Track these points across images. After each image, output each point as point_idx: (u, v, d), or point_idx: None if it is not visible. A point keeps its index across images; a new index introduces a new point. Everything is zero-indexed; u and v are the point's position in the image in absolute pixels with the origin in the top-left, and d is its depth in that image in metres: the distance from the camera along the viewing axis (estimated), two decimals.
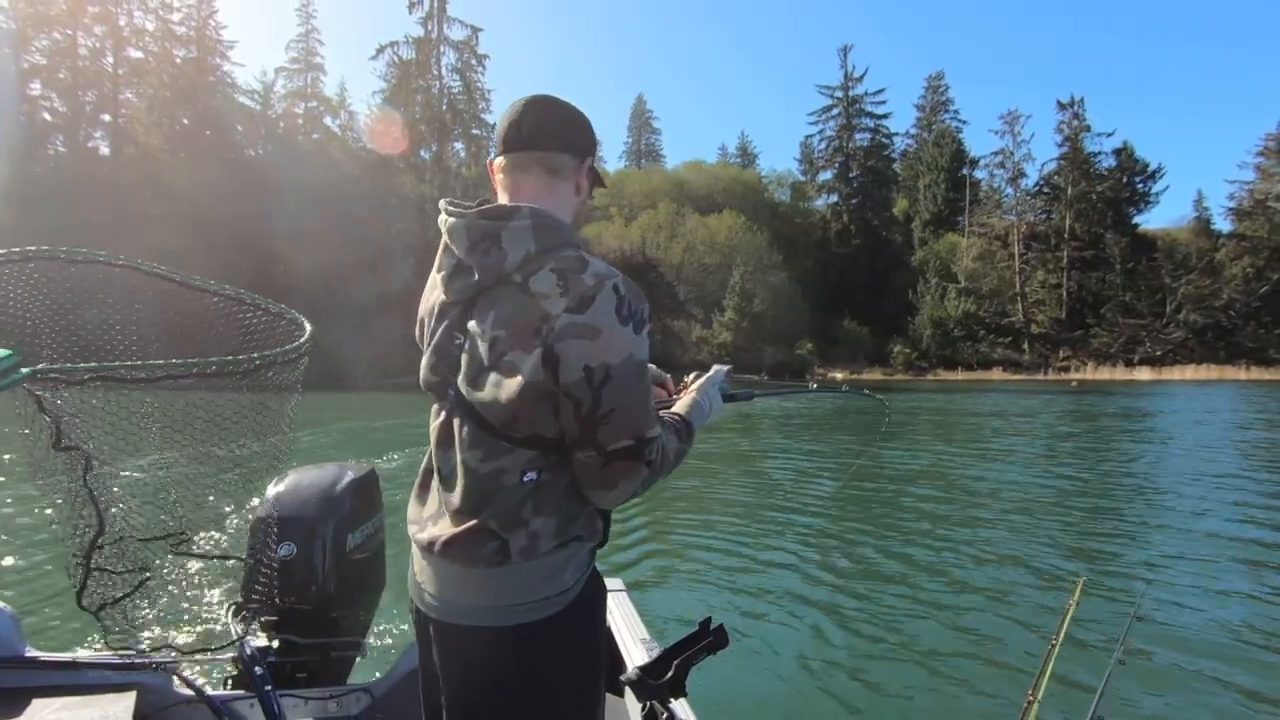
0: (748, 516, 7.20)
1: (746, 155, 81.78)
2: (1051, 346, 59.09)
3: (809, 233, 68.69)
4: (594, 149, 1.23)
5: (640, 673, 1.27)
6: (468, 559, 1.07)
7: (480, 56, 57.26)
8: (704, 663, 1.29)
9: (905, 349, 58.31)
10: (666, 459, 1.13)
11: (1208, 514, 7.35)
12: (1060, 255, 61.07)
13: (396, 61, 56.10)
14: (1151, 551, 5.95)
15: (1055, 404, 26.54)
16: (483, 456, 1.07)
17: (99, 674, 1.76)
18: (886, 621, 4.33)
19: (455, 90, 57.24)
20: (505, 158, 1.16)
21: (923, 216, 67.72)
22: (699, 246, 57.38)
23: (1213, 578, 5.16)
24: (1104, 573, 5.28)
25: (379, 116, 53.54)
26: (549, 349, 1.00)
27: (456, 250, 1.11)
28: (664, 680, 1.25)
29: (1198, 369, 51.44)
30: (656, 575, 5.30)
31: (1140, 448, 13.66)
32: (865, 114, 71.85)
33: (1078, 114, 61.11)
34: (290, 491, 2.04)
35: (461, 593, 1.09)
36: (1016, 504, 7.98)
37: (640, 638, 1.91)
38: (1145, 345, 55.39)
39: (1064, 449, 13.62)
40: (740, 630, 4.14)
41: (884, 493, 8.53)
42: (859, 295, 62.81)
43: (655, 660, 1.30)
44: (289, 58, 59.33)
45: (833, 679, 3.59)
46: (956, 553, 5.89)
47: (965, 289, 60.28)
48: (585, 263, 1.05)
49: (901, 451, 12.43)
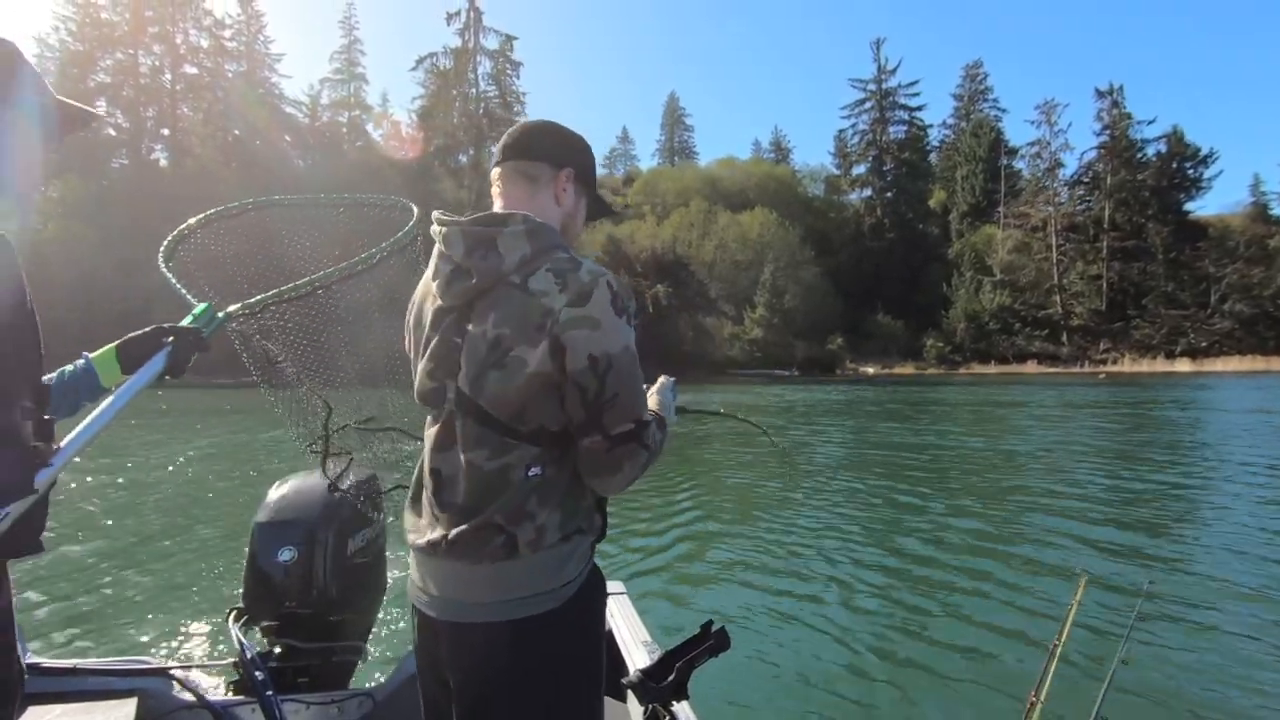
0: (748, 518, 7.15)
1: (780, 150, 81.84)
2: (1091, 339, 58.18)
3: (842, 227, 68.65)
4: (575, 163, 1.27)
5: (642, 675, 1.28)
6: (475, 555, 1.10)
7: (515, 64, 58.99)
8: (706, 665, 1.30)
9: (938, 342, 58.08)
10: (659, 443, 1.19)
11: (1214, 510, 7.24)
12: (1100, 246, 60.02)
13: (435, 71, 58.06)
14: (1156, 549, 5.86)
15: (1076, 397, 26.08)
16: (488, 454, 1.11)
17: (100, 680, 1.79)
18: (887, 621, 4.33)
19: (491, 96, 58.98)
20: (497, 169, 1.26)
21: (960, 208, 67.09)
22: (731, 243, 57.95)
23: (1219, 576, 5.10)
24: (1107, 570, 5.24)
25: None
26: (555, 339, 1.07)
27: (453, 256, 1.15)
28: (666, 683, 1.26)
29: (1242, 360, 50.19)
30: (658, 578, 5.27)
31: (1151, 441, 13.43)
32: (899, 106, 71.49)
33: (1117, 102, 60.06)
34: (291, 496, 2.06)
35: (469, 590, 1.12)
36: (1018, 500, 7.94)
37: (642, 640, 1.91)
38: (1189, 336, 54.24)
39: (1071, 443, 13.47)
40: (741, 632, 4.09)
41: (885, 491, 8.49)
42: (893, 289, 62.65)
43: (657, 663, 1.30)
44: (332, 69, 61.86)
45: (834, 680, 3.59)
46: (958, 550, 5.86)
47: (1000, 281, 59.69)
48: (578, 263, 1.13)
49: (903, 450, 12.27)
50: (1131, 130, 60.72)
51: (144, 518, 6.90)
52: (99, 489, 8.29)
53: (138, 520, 6.78)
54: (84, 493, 7.99)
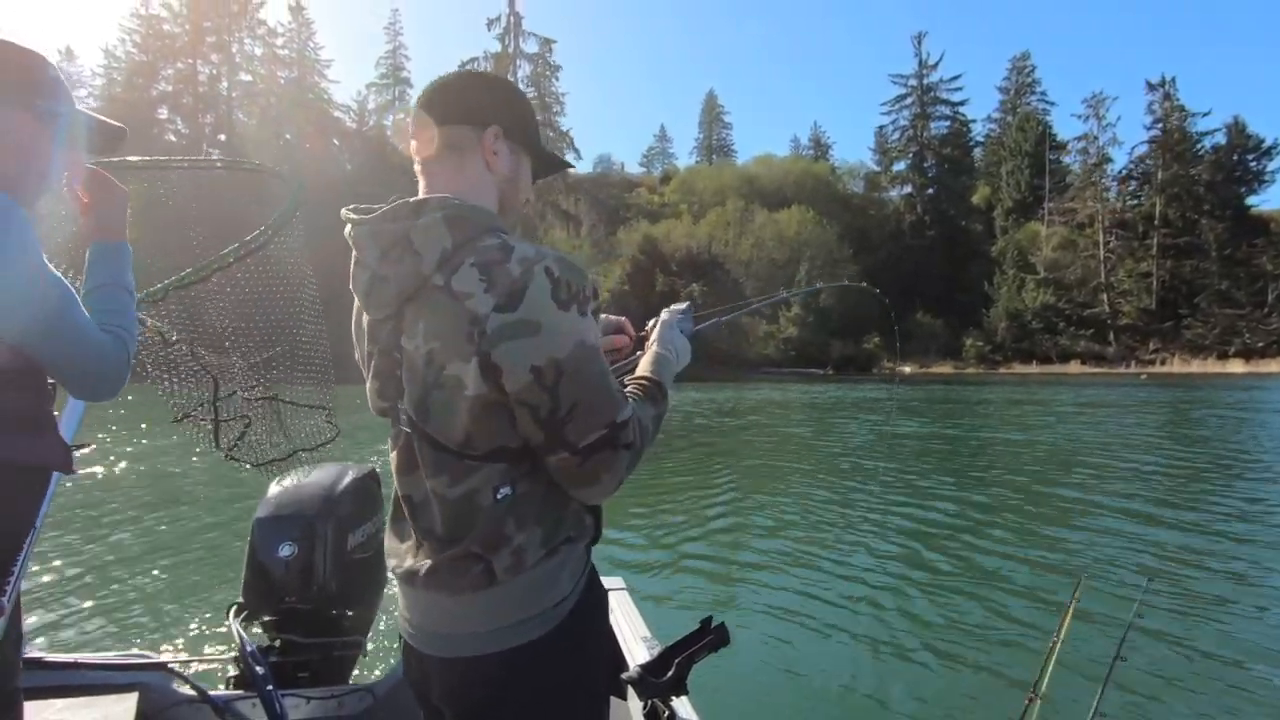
0: (749, 513, 7.15)
1: (820, 147, 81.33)
2: (1140, 338, 56.63)
3: (882, 224, 67.89)
4: (502, 118, 1.06)
5: (641, 671, 1.27)
6: (452, 587, 1.00)
7: (553, 67, 59.95)
8: (705, 661, 1.29)
9: (977, 341, 57.19)
10: (645, 432, 1.02)
11: (1216, 512, 7.19)
12: (1150, 242, 58.30)
13: None
14: (1153, 549, 5.85)
15: (1109, 397, 25.44)
16: (449, 481, 0.98)
17: (101, 674, 1.78)
18: (887, 619, 4.32)
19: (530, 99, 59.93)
20: (413, 143, 1.07)
21: (1004, 204, 65.76)
22: (768, 242, 58.00)
23: (1216, 576, 5.12)
24: (1106, 568, 5.24)
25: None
26: (485, 358, 0.90)
27: (368, 262, 1.00)
28: (665, 678, 1.26)
29: None
30: (657, 573, 5.24)
31: (1170, 441, 13.25)
32: (940, 101, 70.45)
33: (1169, 94, 58.18)
34: (291, 491, 2.05)
35: (450, 622, 1.02)
36: (1021, 498, 7.90)
37: (641, 636, 1.90)
38: (1243, 336, 52.37)
39: (1085, 441, 13.32)
40: (741, 628, 4.05)
41: (886, 488, 8.46)
42: (933, 287, 61.79)
43: (656, 658, 1.30)
44: (378, 74, 63.79)
45: (833, 676, 3.58)
46: (958, 550, 5.86)
47: (1044, 279, 58.45)
48: (509, 250, 0.93)
49: (905, 450, 12.21)
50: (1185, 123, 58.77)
51: (145, 513, 6.87)
52: (100, 485, 8.28)
53: (139, 515, 6.76)
54: (85, 488, 7.97)
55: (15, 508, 1.10)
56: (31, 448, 1.09)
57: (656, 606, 4.51)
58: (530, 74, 59.34)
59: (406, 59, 64.95)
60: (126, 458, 10.02)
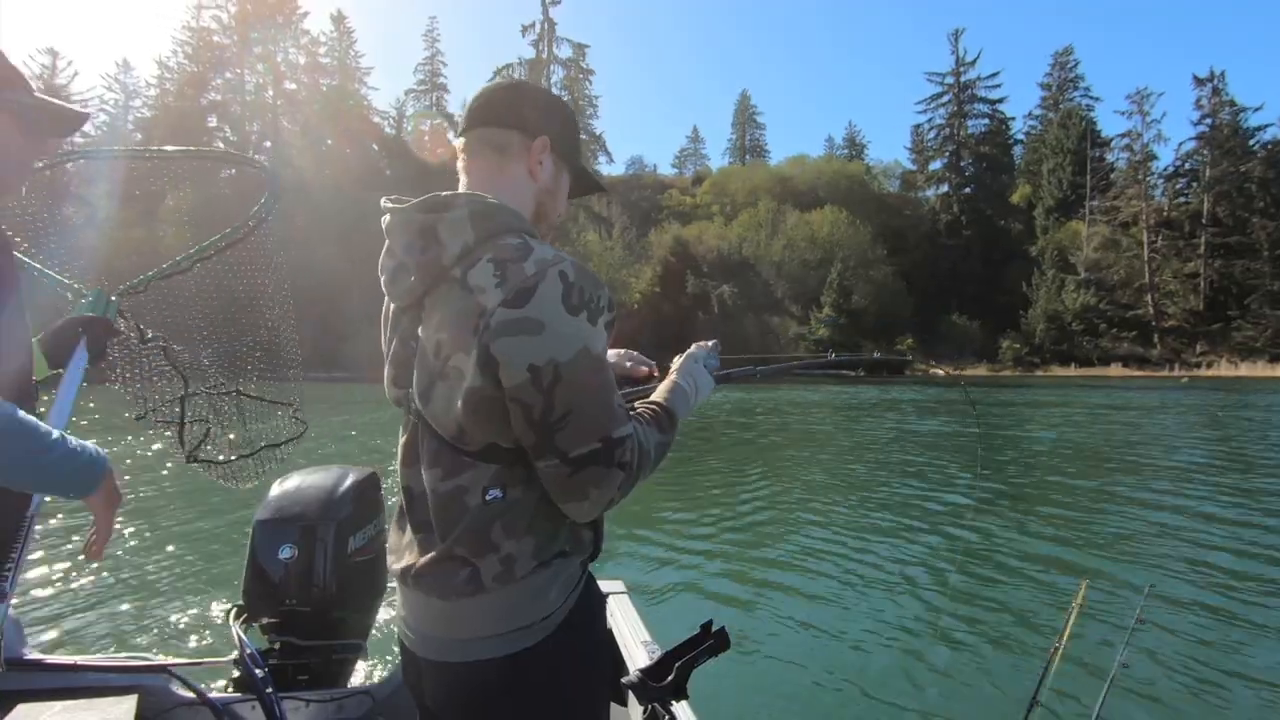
0: (750, 516, 7.11)
1: (854, 146, 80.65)
2: (1186, 341, 54.94)
3: (918, 224, 67.05)
4: (553, 131, 1.09)
5: (641, 675, 1.26)
6: (441, 590, 0.99)
7: (586, 71, 60.70)
8: (706, 665, 1.28)
9: (1015, 344, 56.09)
10: (645, 457, 0.99)
11: (1220, 518, 7.11)
12: (1197, 242, 56.52)
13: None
14: (1156, 554, 5.81)
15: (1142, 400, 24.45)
16: (442, 474, 0.99)
17: (100, 677, 1.78)
18: (889, 623, 4.29)
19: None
20: (459, 141, 1.10)
21: (1046, 203, 64.24)
22: (800, 243, 57.83)
23: (1218, 582, 5.08)
24: (1108, 575, 5.20)
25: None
26: (484, 349, 0.91)
27: (395, 250, 1.03)
28: (665, 683, 1.25)
29: None
30: (658, 576, 5.20)
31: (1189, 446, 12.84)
32: (978, 99, 69.27)
33: (1218, 88, 56.30)
34: (292, 493, 2.05)
35: (441, 627, 1.01)
36: (1025, 501, 7.88)
37: (641, 640, 1.90)
38: None
39: (1096, 444, 13.03)
40: (742, 632, 4.07)
41: (886, 492, 8.41)
42: (970, 288, 60.80)
43: (656, 663, 1.29)
44: (416, 80, 65.32)
45: (834, 681, 3.57)
46: (960, 553, 5.84)
47: (1085, 280, 57.11)
48: (528, 250, 0.94)
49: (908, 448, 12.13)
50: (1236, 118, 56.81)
51: (144, 515, 6.84)
52: None
53: (138, 517, 6.73)
54: None
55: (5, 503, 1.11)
56: None
57: (657, 609, 4.45)
58: (564, 79, 60.19)
59: (443, 65, 66.45)
60: (125, 459, 9.93)
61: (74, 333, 1.37)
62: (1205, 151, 57.40)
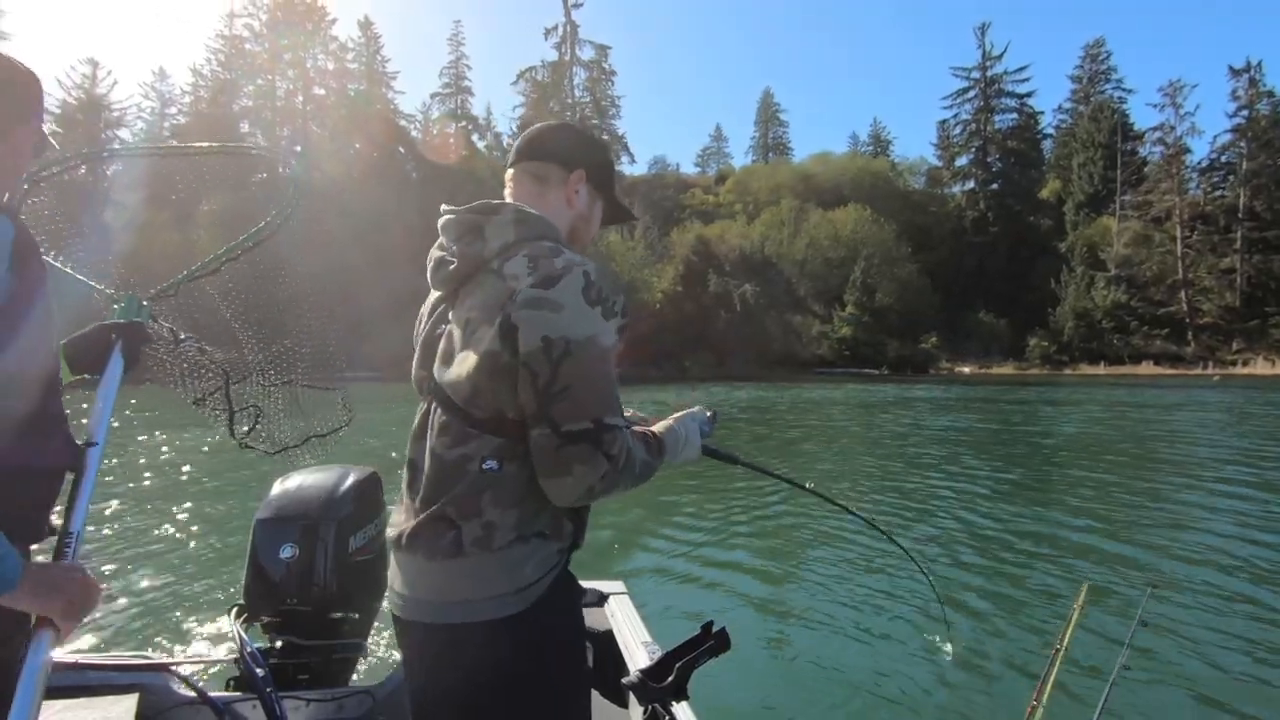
0: (751, 518, 7.09)
1: (879, 143, 79.86)
2: (1221, 338, 53.66)
3: (944, 221, 66.31)
4: (589, 165, 1.25)
5: (642, 676, 1.27)
6: (429, 550, 1.06)
7: (608, 73, 61.12)
8: (706, 666, 1.28)
9: (1043, 342, 55.18)
10: (631, 461, 1.06)
11: (1223, 520, 7.04)
12: (1233, 237, 55.15)
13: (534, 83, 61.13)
14: (1157, 555, 5.78)
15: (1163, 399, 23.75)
16: (449, 443, 1.08)
17: (101, 675, 1.78)
18: (890, 626, 4.28)
19: (586, 104, 61.38)
20: (509, 171, 1.25)
21: (1076, 198, 63.08)
22: (823, 241, 57.53)
23: (1219, 583, 5.05)
24: (1109, 577, 5.18)
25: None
26: (507, 318, 1.02)
27: (443, 242, 1.17)
28: (666, 683, 1.25)
29: None
30: (658, 577, 5.21)
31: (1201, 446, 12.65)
32: (1005, 94, 68.31)
33: (1255, 79, 54.86)
34: (293, 493, 2.06)
35: (424, 588, 1.08)
36: (1027, 502, 7.85)
37: (642, 640, 1.89)
38: None
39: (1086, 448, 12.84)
40: (742, 633, 3.92)
41: (886, 494, 8.41)
42: (997, 285, 59.92)
43: (657, 663, 1.29)
44: (441, 83, 66.23)
45: (834, 682, 3.57)
46: (960, 554, 5.83)
47: (1116, 277, 56.01)
48: (559, 251, 1.09)
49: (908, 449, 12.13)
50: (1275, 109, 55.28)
51: (145, 514, 6.85)
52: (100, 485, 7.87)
53: (140, 517, 6.75)
54: None
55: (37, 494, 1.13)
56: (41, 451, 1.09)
57: (657, 610, 4.43)
58: (586, 80, 60.71)
59: (468, 68, 67.24)
60: (128, 458, 10.00)
61: (106, 340, 1.36)
62: (1242, 144, 56.05)
